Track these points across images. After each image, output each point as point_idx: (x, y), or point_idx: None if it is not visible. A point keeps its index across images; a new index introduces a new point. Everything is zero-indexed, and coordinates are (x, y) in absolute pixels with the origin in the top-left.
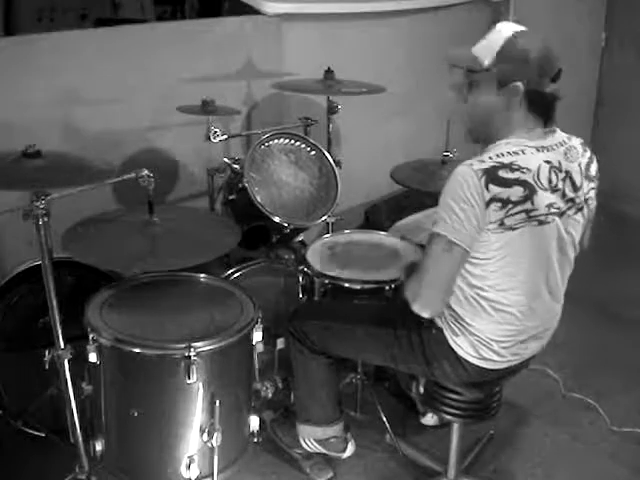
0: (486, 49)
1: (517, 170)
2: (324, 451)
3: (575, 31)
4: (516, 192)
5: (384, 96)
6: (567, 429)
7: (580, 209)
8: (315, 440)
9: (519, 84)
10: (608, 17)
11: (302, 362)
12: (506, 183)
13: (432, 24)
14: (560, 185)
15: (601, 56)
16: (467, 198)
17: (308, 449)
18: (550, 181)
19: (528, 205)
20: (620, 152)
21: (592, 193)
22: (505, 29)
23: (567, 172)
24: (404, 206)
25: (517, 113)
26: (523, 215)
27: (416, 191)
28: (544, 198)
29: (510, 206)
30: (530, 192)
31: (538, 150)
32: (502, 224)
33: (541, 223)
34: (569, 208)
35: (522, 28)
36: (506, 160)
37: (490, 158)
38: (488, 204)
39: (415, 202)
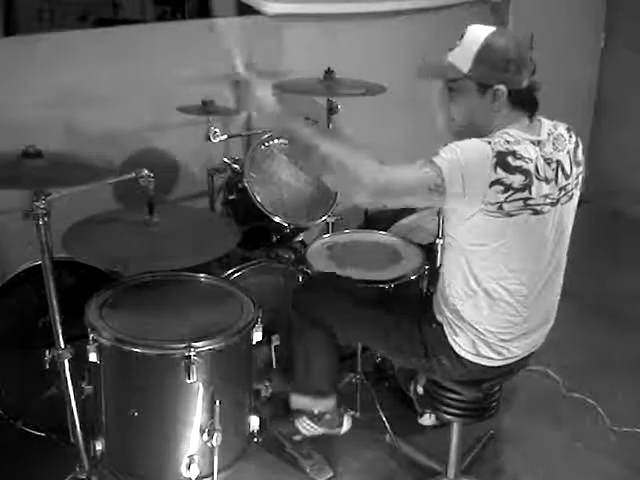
0: (463, 55)
1: (520, 159)
2: (321, 430)
3: (575, 31)
4: (518, 180)
5: (384, 96)
6: (567, 429)
7: (571, 197)
8: (309, 419)
9: (501, 87)
10: (608, 17)
11: (301, 333)
12: (511, 169)
13: (432, 24)
14: (553, 176)
15: (601, 56)
16: (475, 163)
17: (305, 432)
18: (545, 172)
19: (526, 194)
20: (619, 152)
21: (580, 178)
22: (478, 32)
23: (558, 162)
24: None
25: (502, 111)
26: (521, 203)
27: None
28: (540, 188)
29: (511, 192)
30: (529, 181)
31: (533, 143)
32: (501, 208)
33: (536, 213)
34: (562, 196)
35: (493, 29)
36: (512, 147)
37: (501, 143)
38: (491, 185)
39: None
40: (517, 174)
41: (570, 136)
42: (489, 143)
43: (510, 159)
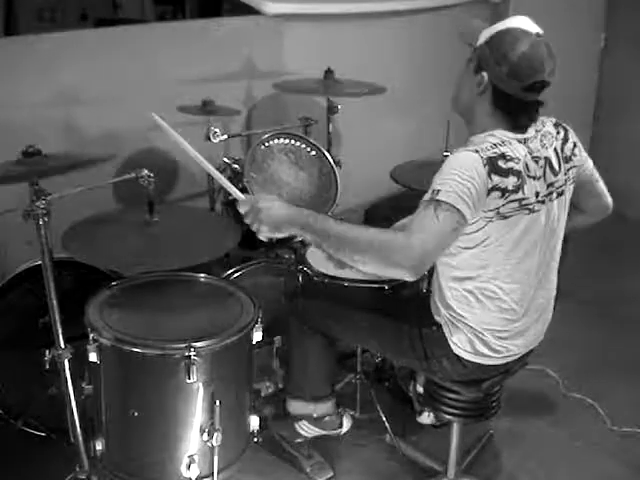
0: (488, 31)
1: (510, 160)
2: (321, 432)
3: (575, 31)
4: (511, 181)
5: (384, 96)
6: (567, 429)
7: (561, 194)
8: (309, 422)
9: (485, 75)
10: (608, 17)
11: (299, 339)
12: (504, 173)
13: (432, 24)
14: (541, 173)
15: (601, 56)
16: (473, 178)
17: (305, 434)
18: (534, 170)
19: (520, 194)
20: (619, 152)
21: (571, 172)
22: (515, 21)
23: (545, 158)
24: (404, 206)
25: (485, 104)
26: (516, 204)
27: (416, 191)
28: (532, 187)
29: (507, 195)
30: (522, 181)
31: (519, 142)
32: (498, 213)
33: (531, 212)
34: (550, 193)
35: (530, 29)
36: (500, 150)
37: (488, 148)
38: (489, 192)
39: (415, 202)
40: (510, 176)
41: (557, 132)
42: (476, 152)
43: (501, 162)
